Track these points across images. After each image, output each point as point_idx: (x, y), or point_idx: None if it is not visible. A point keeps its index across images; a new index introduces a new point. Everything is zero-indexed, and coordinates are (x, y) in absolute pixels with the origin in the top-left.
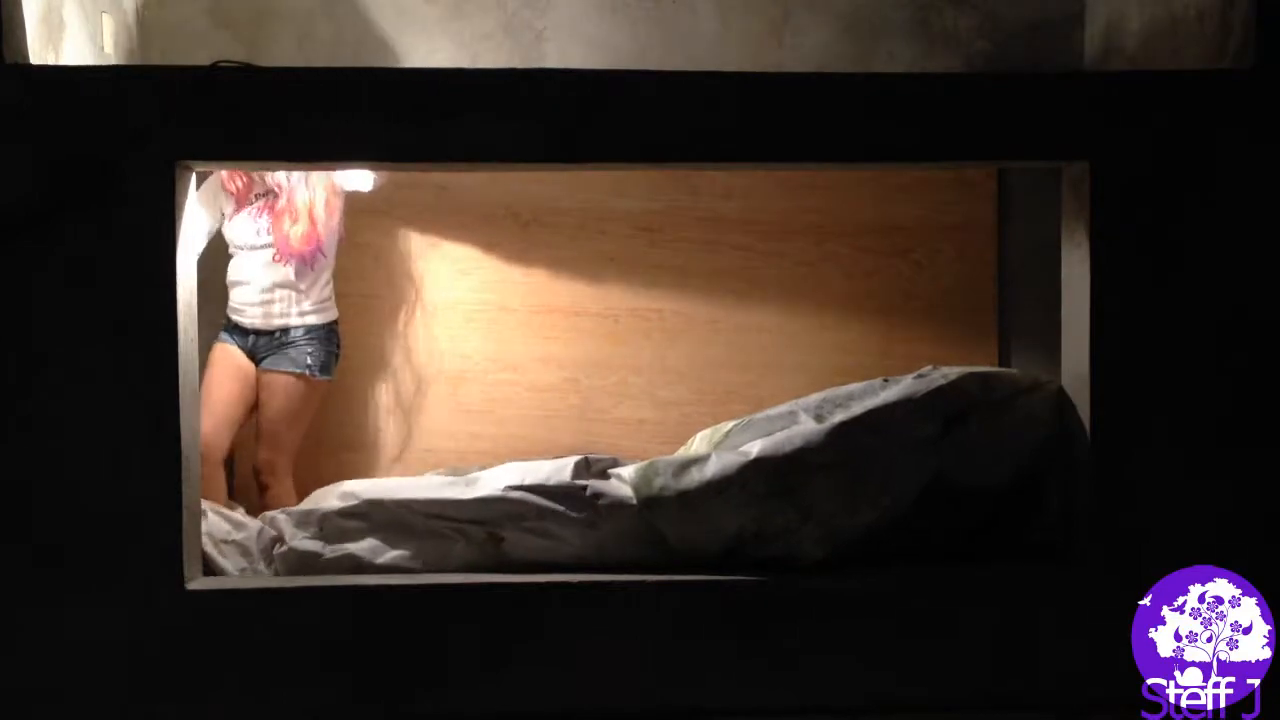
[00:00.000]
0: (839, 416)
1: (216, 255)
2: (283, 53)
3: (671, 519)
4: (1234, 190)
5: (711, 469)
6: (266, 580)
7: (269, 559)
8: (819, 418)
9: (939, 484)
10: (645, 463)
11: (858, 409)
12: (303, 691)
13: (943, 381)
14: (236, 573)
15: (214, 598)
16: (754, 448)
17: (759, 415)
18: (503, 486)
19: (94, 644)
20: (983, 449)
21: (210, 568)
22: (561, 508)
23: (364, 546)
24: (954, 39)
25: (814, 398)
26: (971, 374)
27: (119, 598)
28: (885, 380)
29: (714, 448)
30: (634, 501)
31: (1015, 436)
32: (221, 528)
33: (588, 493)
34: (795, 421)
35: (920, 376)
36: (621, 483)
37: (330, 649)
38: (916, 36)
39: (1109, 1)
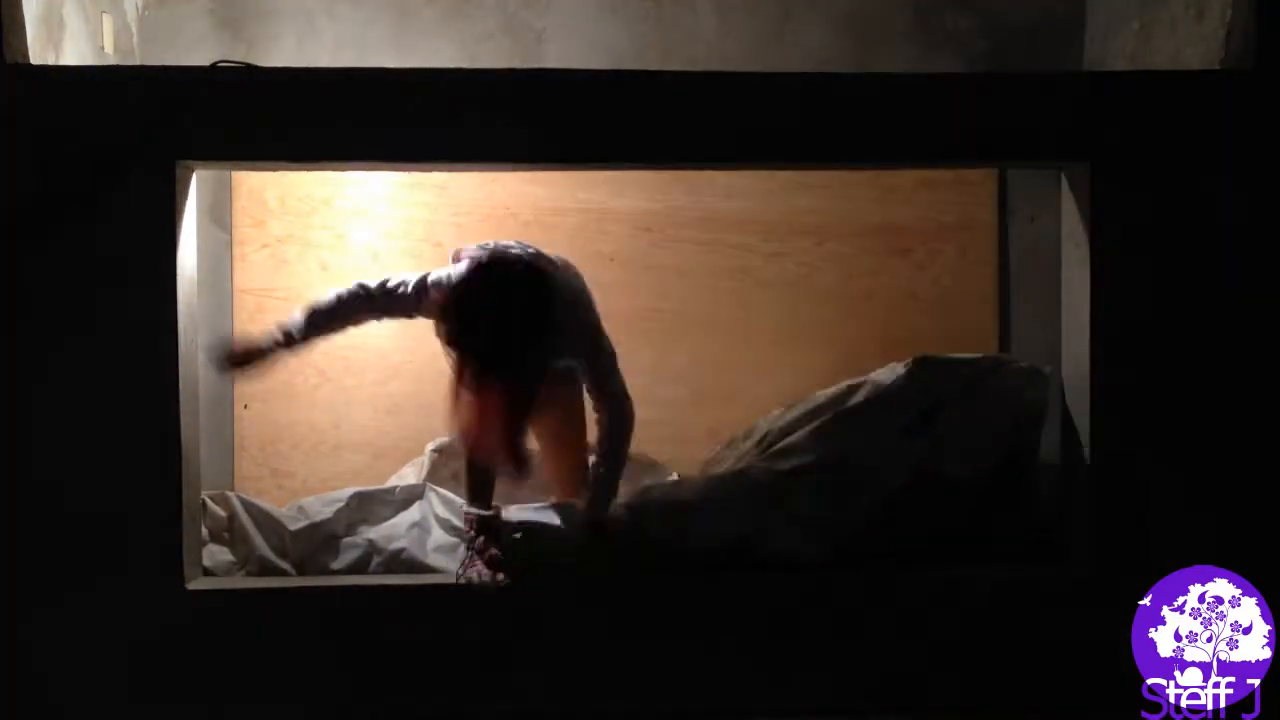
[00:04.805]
0: (815, 422)
1: (217, 255)
2: (283, 53)
3: (667, 534)
4: (1234, 190)
5: (701, 483)
6: (266, 580)
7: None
8: (795, 425)
9: (925, 475)
10: (637, 490)
11: (830, 413)
12: (303, 691)
13: (904, 373)
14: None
15: (214, 598)
16: (739, 461)
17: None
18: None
19: (94, 644)
20: (960, 434)
21: None
22: (557, 520)
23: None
24: (954, 39)
25: (791, 412)
26: (936, 364)
27: (119, 598)
28: (850, 386)
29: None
30: (627, 518)
31: (989, 418)
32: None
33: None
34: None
35: (885, 375)
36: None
37: (330, 649)
38: (916, 36)
39: (1109, 1)
